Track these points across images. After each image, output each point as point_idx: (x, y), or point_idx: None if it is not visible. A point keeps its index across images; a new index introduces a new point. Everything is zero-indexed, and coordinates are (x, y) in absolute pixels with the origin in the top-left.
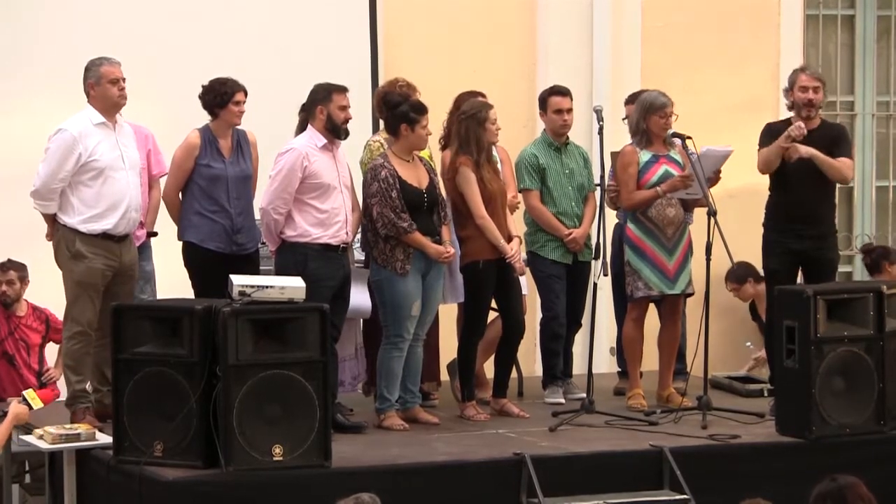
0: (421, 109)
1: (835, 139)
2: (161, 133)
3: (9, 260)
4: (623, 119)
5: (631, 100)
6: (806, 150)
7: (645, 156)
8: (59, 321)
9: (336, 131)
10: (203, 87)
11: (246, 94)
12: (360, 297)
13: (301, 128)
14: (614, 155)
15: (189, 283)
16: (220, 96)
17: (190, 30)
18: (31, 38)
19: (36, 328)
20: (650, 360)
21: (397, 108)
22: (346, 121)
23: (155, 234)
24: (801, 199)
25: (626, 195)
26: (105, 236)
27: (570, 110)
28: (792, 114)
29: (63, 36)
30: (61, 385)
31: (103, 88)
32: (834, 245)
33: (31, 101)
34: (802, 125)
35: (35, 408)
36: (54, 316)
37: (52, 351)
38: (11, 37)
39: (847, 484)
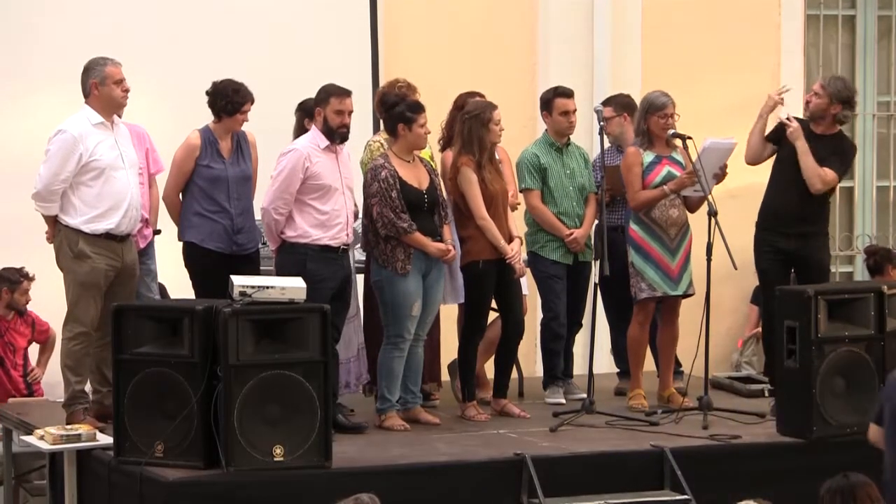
0: (417, 108)
1: (835, 150)
2: (161, 133)
3: (23, 269)
4: (601, 122)
5: (608, 102)
6: (796, 136)
7: (648, 157)
8: (42, 322)
9: (330, 134)
10: (215, 85)
11: (252, 102)
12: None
13: (297, 128)
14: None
15: (189, 283)
16: (232, 104)
17: (190, 30)
18: (30, 39)
19: (22, 331)
20: (649, 360)
21: (394, 109)
22: (342, 125)
23: (159, 232)
24: (788, 197)
25: (631, 195)
26: (108, 236)
27: (574, 111)
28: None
29: (63, 36)
30: (46, 384)
31: (108, 88)
32: (823, 246)
33: (30, 101)
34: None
35: None
36: (39, 317)
37: (32, 350)
38: (11, 37)
39: (859, 483)
